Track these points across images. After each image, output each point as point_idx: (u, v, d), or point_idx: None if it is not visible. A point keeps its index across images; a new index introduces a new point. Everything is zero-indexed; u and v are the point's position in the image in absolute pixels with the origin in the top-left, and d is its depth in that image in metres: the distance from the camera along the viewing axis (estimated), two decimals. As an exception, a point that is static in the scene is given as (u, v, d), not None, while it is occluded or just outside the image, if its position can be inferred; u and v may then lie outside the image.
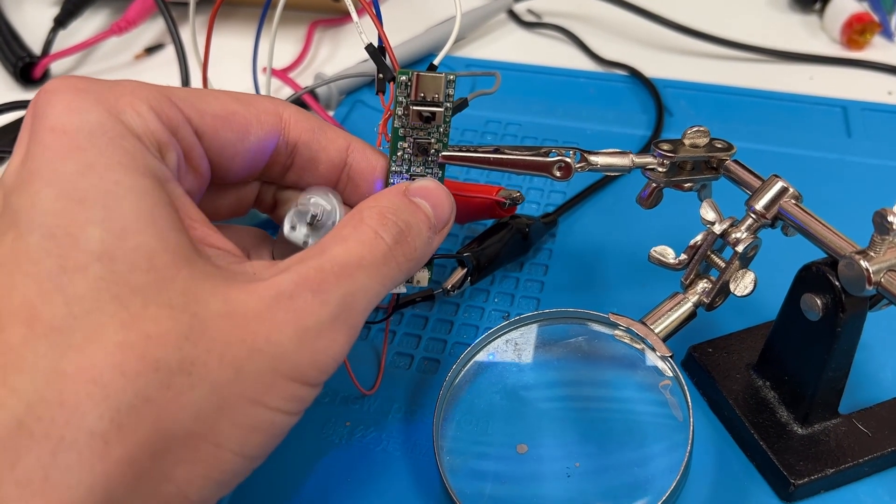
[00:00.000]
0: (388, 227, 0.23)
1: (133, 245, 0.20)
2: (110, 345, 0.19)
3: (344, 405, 0.32)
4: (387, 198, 0.25)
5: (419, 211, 0.25)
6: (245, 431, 0.20)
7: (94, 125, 0.21)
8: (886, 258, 0.25)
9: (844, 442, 0.29)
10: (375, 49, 0.28)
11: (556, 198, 0.42)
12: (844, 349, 0.28)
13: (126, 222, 0.20)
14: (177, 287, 0.20)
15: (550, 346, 0.31)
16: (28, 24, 0.56)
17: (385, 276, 0.23)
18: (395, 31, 0.52)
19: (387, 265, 0.23)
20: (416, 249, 0.24)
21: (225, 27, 0.55)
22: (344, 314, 0.22)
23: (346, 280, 0.22)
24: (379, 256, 0.23)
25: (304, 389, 0.21)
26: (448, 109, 0.28)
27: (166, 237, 0.20)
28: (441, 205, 0.26)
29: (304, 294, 0.21)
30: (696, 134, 0.30)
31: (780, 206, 0.28)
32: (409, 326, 0.35)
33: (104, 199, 0.20)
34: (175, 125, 0.23)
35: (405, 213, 0.24)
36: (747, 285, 0.28)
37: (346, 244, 0.23)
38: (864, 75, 0.51)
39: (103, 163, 0.20)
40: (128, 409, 0.18)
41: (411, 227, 0.24)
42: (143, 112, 0.22)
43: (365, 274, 0.22)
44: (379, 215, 0.24)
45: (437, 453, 0.28)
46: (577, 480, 0.28)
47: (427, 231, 0.25)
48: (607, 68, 0.52)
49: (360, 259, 0.22)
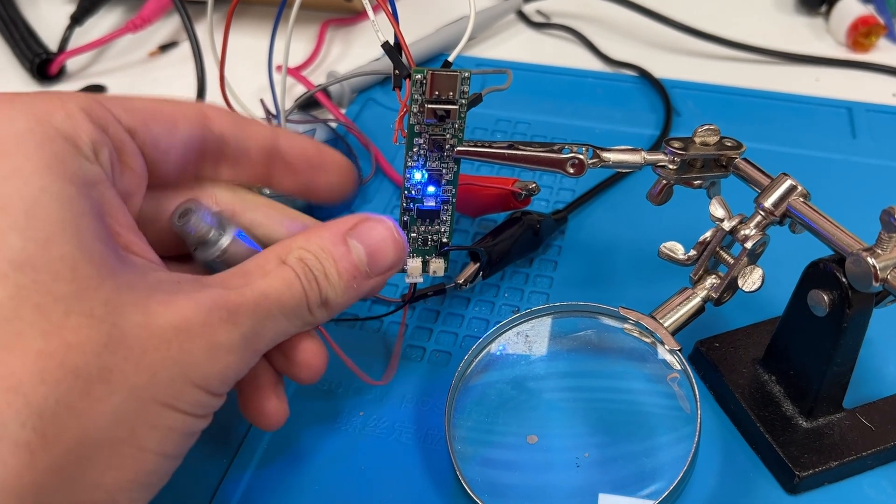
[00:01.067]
0: (304, 272, 0.24)
1: (57, 255, 0.20)
2: (30, 353, 0.19)
3: (358, 396, 0.32)
4: (316, 240, 0.25)
5: (344, 259, 0.26)
6: (163, 432, 0.21)
7: (21, 131, 0.21)
8: (893, 255, 0.25)
9: (848, 435, 0.29)
10: (392, 47, 0.29)
11: (565, 195, 0.42)
12: (850, 345, 0.28)
13: (50, 231, 0.20)
14: (100, 297, 0.20)
15: (561, 338, 0.32)
16: (44, 20, 0.56)
17: (296, 316, 0.25)
18: (407, 29, 0.53)
19: (299, 307, 0.24)
20: (326, 299, 0.25)
21: (239, 25, 0.56)
22: (252, 339, 0.23)
23: (261, 312, 0.23)
24: (294, 297, 0.24)
25: (210, 398, 0.23)
26: (463, 106, 0.29)
27: (91, 248, 0.20)
28: (382, 252, 0.27)
29: (220, 313, 0.22)
30: (706, 132, 0.30)
31: (788, 204, 0.28)
32: (420, 320, 0.36)
33: (28, 205, 0.20)
34: (105, 123, 0.23)
35: (326, 261, 0.25)
36: (755, 281, 0.29)
37: (267, 280, 0.24)
38: (870, 77, 0.52)
39: (29, 167, 0.20)
40: (51, 417, 0.19)
41: (326, 276, 0.25)
42: (73, 113, 0.22)
43: (278, 310, 0.24)
44: (298, 260, 0.25)
45: (449, 443, 0.29)
46: (586, 470, 0.29)
47: (348, 282, 0.26)
48: (615, 68, 0.53)
49: (279, 297, 0.24)
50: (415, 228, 0.32)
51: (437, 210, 0.31)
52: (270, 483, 0.30)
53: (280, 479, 0.30)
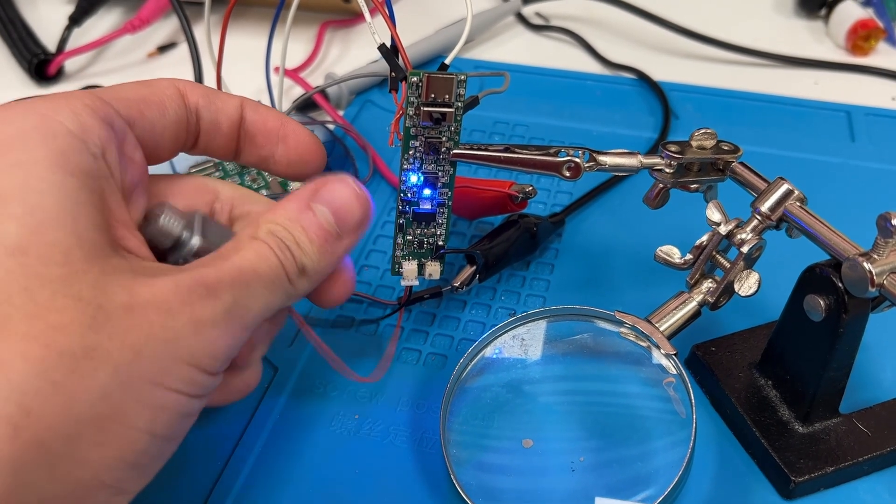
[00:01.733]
0: (277, 243, 0.25)
1: (50, 240, 0.20)
2: (15, 335, 0.19)
3: (353, 398, 0.32)
4: (282, 212, 0.26)
5: (313, 224, 0.26)
6: (153, 410, 0.21)
7: (27, 128, 0.22)
8: (889, 261, 0.25)
9: (844, 441, 0.29)
10: (388, 49, 0.29)
11: (562, 198, 0.42)
12: (846, 350, 0.28)
13: (45, 217, 0.20)
14: (88, 280, 0.20)
15: (556, 342, 0.32)
16: (43, 21, 0.56)
17: (276, 287, 0.25)
18: (404, 32, 0.53)
19: (278, 278, 0.25)
20: (303, 266, 0.25)
21: (237, 27, 0.56)
22: (239, 313, 0.23)
23: (240, 285, 0.23)
24: (270, 268, 0.24)
25: (202, 375, 0.23)
26: (459, 109, 0.29)
27: (83, 235, 0.21)
28: (347, 210, 0.27)
29: (200, 289, 0.22)
30: (703, 136, 0.30)
31: (785, 209, 0.28)
32: (416, 323, 0.36)
33: (26, 195, 0.20)
34: (110, 119, 0.24)
35: (295, 229, 0.25)
36: (751, 285, 0.29)
37: (241, 254, 0.24)
38: (869, 81, 0.52)
39: (31, 160, 0.21)
40: (34, 393, 0.19)
41: (298, 244, 0.25)
42: (78, 111, 0.23)
43: (258, 283, 0.24)
44: (268, 233, 0.25)
45: (444, 447, 0.29)
46: (580, 475, 0.28)
47: (320, 245, 0.26)
48: (614, 71, 0.53)
49: (255, 268, 0.24)
50: (410, 231, 0.32)
51: (433, 213, 0.31)
52: (264, 485, 0.29)
53: (274, 482, 0.30)
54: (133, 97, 0.25)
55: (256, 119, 0.29)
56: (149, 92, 0.26)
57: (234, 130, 0.28)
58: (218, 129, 0.28)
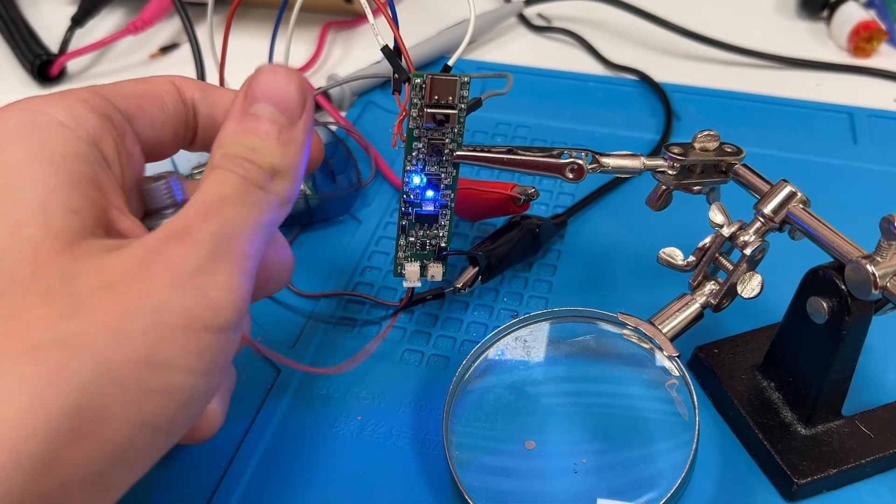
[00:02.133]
0: (234, 163, 0.23)
1: (23, 237, 0.20)
2: None
3: (355, 400, 0.32)
4: (226, 129, 0.24)
5: (259, 124, 0.24)
6: (136, 397, 0.19)
7: (16, 125, 0.22)
8: (892, 263, 0.25)
9: (847, 443, 0.29)
10: (391, 50, 0.29)
11: (565, 199, 0.42)
12: (849, 352, 0.28)
13: (21, 215, 0.20)
14: (56, 272, 0.19)
15: (559, 343, 0.32)
16: (45, 22, 0.56)
17: (254, 201, 0.23)
18: (407, 33, 0.53)
19: (249, 193, 0.23)
20: (272, 167, 0.23)
21: (240, 27, 0.56)
22: (224, 245, 0.21)
23: (212, 217, 0.21)
24: (237, 188, 0.22)
25: (205, 337, 0.20)
26: (462, 111, 0.29)
27: (53, 224, 0.20)
28: (284, 95, 0.24)
29: (171, 243, 0.21)
30: (706, 138, 0.30)
31: (788, 211, 0.28)
32: (419, 324, 0.36)
33: (5, 195, 0.20)
34: (107, 112, 0.24)
35: (245, 138, 0.23)
36: (754, 288, 0.29)
37: (203, 189, 0.22)
38: (871, 83, 0.52)
39: (14, 158, 0.21)
40: (5, 394, 0.18)
41: (255, 150, 0.23)
42: (72, 104, 0.23)
43: (231, 207, 0.22)
44: (221, 156, 0.23)
45: (447, 448, 0.29)
46: (583, 476, 0.28)
47: (277, 138, 0.24)
48: (616, 72, 0.53)
49: (220, 196, 0.22)
50: (413, 233, 0.32)
51: (436, 214, 0.31)
52: (267, 487, 0.29)
53: (277, 484, 0.30)
54: (132, 93, 0.25)
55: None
56: (147, 87, 0.26)
57: None
58: (215, 124, 0.28)
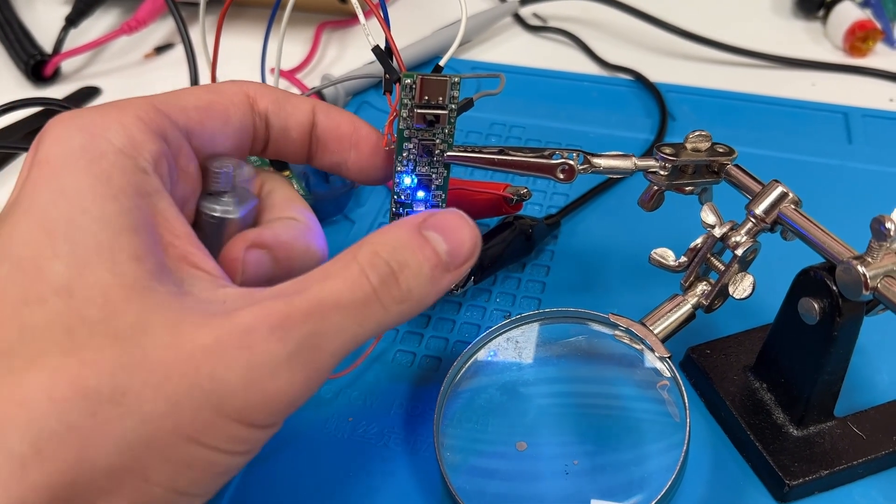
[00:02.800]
0: (377, 267, 0.22)
1: (91, 280, 0.20)
2: (46, 371, 0.19)
3: (347, 401, 0.32)
4: (391, 233, 0.23)
5: (426, 248, 0.23)
6: (178, 467, 0.19)
7: (74, 150, 0.21)
8: (883, 264, 0.25)
9: (839, 444, 0.29)
10: (382, 51, 0.29)
11: (558, 199, 0.42)
12: (840, 353, 0.28)
13: (87, 255, 0.20)
14: (127, 319, 0.19)
15: (551, 345, 0.32)
16: (39, 22, 0.56)
17: (366, 317, 0.21)
18: (402, 33, 0.52)
19: (368, 307, 0.21)
20: (409, 290, 0.22)
21: (234, 27, 0.56)
22: (306, 354, 0.20)
23: (316, 319, 0.20)
24: (360, 296, 0.21)
25: (251, 431, 0.20)
26: (453, 111, 0.29)
27: (123, 270, 0.20)
28: (460, 241, 0.24)
29: (262, 329, 0.20)
30: (697, 138, 0.30)
31: (779, 211, 0.28)
32: (411, 325, 0.35)
33: (70, 231, 0.20)
34: (163, 130, 0.23)
35: (404, 252, 0.22)
36: (746, 288, 0.29)
37: (328, 282, 0.21)
38: (866, 82, 0.51)
39: (74, 188, 0.21)
40: (49, 435, 0.18)
41: (407, 267, 0.22)
42: (128, 124, 0.22)
43: (341, 314, 0.21)
44: (371, 253, 0.22)
45: (438, 450, 0.28)
46: (575, 478, 0.28)
47: (431, 271, 0.23)
48: (611, 72, 0.53)
49: (338, 298, 0.21)
50: (405, 233, 0.31)
51: (427, 215, 0.31)
52: (257, 489, 0.29)
53: (267, 485, 0.29)
54: (194, 105, 0.25)
55: (328, 124, 0.28)
56: (214, 98, 0.25)
57: (304, 136, 0.28)
58: (287, 135, 0.27)
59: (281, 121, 0.27)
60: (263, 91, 0.27)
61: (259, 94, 0.26)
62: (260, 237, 0.25)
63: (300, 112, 0.27)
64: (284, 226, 0.26)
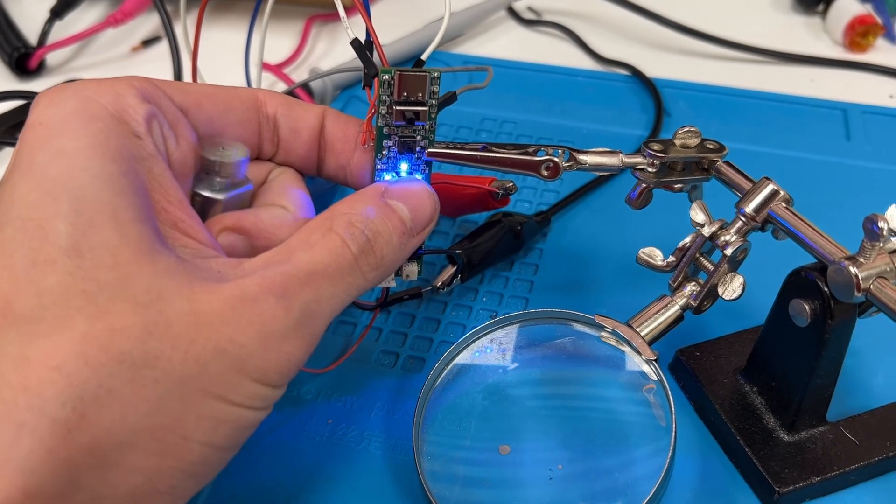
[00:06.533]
0: (356, 236, 0.24)
1: (97, 241, 0.20)
2: (76, 335, 0.19)
3: (326, 402, 0.32)
4: (360, 203, 0.25)
5: (393, 216, 0.25)
6: (212, 423, 0.21)
7: (69, 112, 0.22)
8: (876, 265, 0.24)
9: (831, 450, 0.28)
10: (361, 44, 0.28)
11: (549, 196, 0.41)
12: (832, 356, 0.27)
13: (90, 215, 0.20)
14: (141, 284, 0.20)
15: (535, 346, 0.31)
16: (24, 14, 0.56)
17: (350, 284, 0.23)
18: (392, 26, 0.52)
19: (352, 274, 0.23)
20: (383, 258, 0.24)
21: (220, 21, 0.55)
22: (307, 321, 0.22)
23: (311, 288, 0.22)
24: (344, 265, 0.23)
25: (267, 390, 0.22)
26: (433, 107, 0.28)
27: (127, 231, 0.20)
28: (421, 207, 0.26)
29: (269, 298, 0.21)
30: (686, 134, 0.29)
31: (770, 210, 0.27)
32: (395, 324, 0.35)
33: (71, 189, 0.20)
34: (157, 100, 0.24)
35: (375, 222, 0.24)
36: (735, 289, 0.28)
37: (313, 251, 0.23)
38: (866, 78, 0.51)
39: (72, 147, 0.21)
40: (91, 399, 0.19)
41: (380, 235, 0.24)
42: (122, 92, 0.23)
43: (329, 283, 0.23)
44: (347, 224, 0.24)
45: (417, 456, 0.28)
46: (558, 483, 0.28)
47: (399, 238, 0.25)
48: (607, 67, 0.52)
49: (325, 267, 0.23)
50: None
51: (409, 213, 0.30)
52: (232, 492, 0.29)
53: (242, 488, 0.29)
54: (194, 90, 0.25)
55: (336, 127, 0.28)
56: (219, 90, 0.26)
57: (314, 140, 0.28)
58: (297, 138, 0.28)
59: (290, 122, 0.28)
60: (272, 96, 0.28)
61: (269, 98, 0.28)
62: (238, 222, 0.25)
63: (310, 115, 0.28)
64: (270, 213, 0.26)
